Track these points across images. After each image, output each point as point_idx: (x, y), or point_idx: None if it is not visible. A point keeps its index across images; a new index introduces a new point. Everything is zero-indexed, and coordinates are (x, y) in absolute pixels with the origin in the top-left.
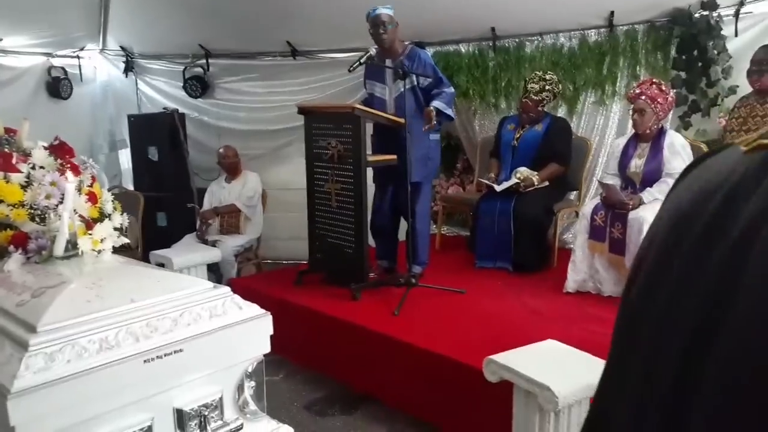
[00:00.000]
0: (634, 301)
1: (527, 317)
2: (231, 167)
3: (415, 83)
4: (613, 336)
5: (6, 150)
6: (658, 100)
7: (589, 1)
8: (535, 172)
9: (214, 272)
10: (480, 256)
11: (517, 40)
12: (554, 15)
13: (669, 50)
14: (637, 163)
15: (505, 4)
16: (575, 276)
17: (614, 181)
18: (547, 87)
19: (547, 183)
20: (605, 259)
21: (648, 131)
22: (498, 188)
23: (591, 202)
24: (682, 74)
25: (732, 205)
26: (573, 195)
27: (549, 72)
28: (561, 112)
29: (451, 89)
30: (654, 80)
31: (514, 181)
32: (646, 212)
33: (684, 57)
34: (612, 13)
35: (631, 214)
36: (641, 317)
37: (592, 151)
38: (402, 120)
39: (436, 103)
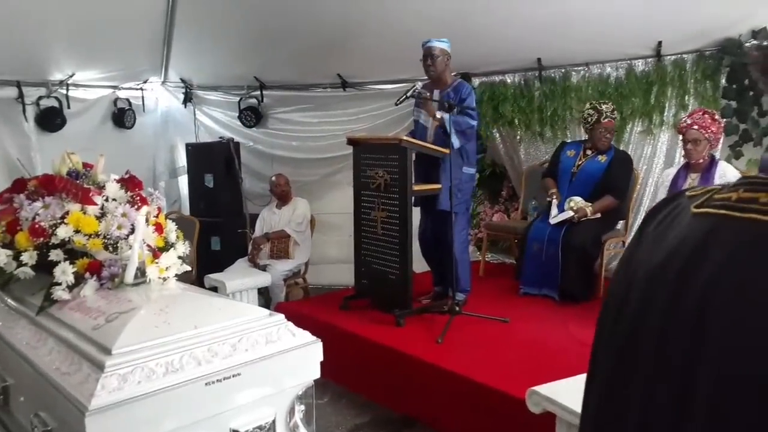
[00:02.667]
0: (623, 339)
1: (572, 347)
2: (282, 195)
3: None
4: (596, 364)
5: (84, 184)
6: (711, 129)
7: (636, 31)
8: (589, 204)
9: (264, 295)
10: (525, 282)
11: (563, 70)
12: (600, 45)
13: (718, 79)
14: None
15: (551, 36)
16: None
17: None
18: (613, 107)
19: (599, 215)
20: None
21: (701, 161)
22: (552, 220)
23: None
24: (733, 103)
25: (689, 270)
26: (620, 225)
27: (602, 101)
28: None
29: (472, 121)
30: (705, 110)
31: (569, 214)
32: None
33: (734, 86)
34: (660, 43)
35: None
36: (634, 349)
37: (640, 180)
38: (446, 150)
39: (446, 116)
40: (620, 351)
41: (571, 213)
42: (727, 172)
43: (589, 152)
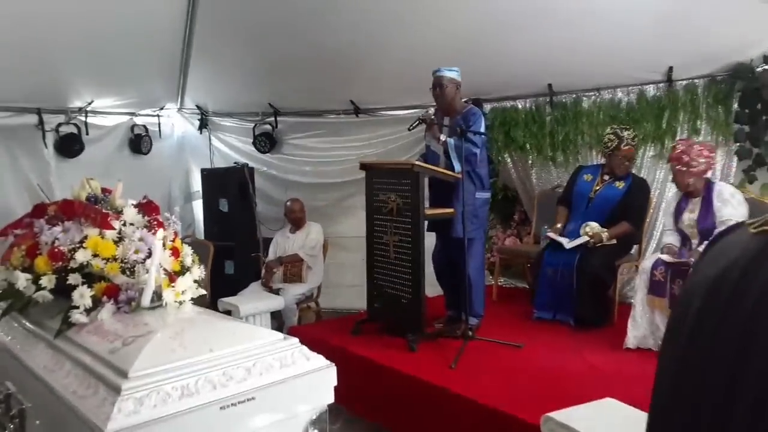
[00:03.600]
0: (682, 347)
1: (586, 373)
2: (296, 221)
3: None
4: (662, 376)
5: (102, 209)
6: (692, 164)
7: (647, 57)
8: (605, 230)
9: (277, 319)
10: (539, 307)
11: (574, 95)
12: (611, 71)
13: (731, 104)
14: (689, 217)
15: (562, 62)
16: (635, 332)
17: (674, 238)
18: (634, 134)
19: (614, 241)
20: (666, 315)
21: (692, 189)
22: (567, 245)
23: (651, 257)
24: (746, 128)
25: (747, 277)
26: (633, 249)
27: (623, 126)
28: None
29: (474, 148)
30: (689, 141)
31: (584, 239)
32: None
33: (747, 111)
34: (670, 68)
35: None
36: (688, 359)
37: (653, 205)
38: (459, 175)
39: (449, 139)
40: (680, 359)
41: (586, 238)
42: (723, 192)
43: (606, 177)
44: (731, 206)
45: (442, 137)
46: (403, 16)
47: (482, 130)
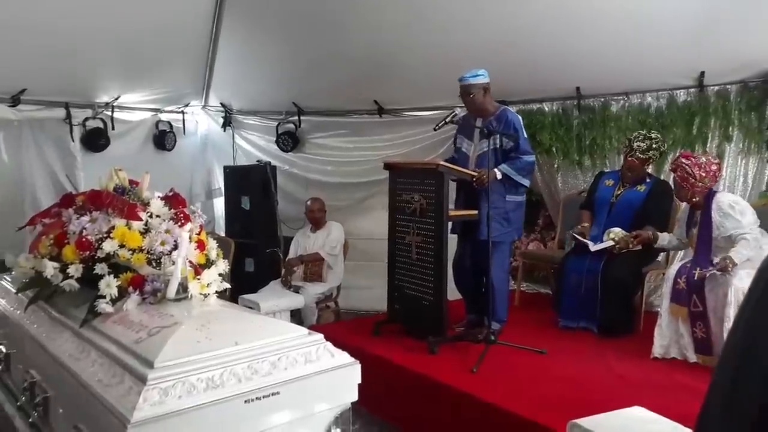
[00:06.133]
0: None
1: (612, 381)
2: (315, 221)
3: (498, 145)
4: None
5: (129, 200)
6: (690, 179)
7: (678, 62)
8: (632, 235)
9: (296, 318)
10: (564, 315)
11: (602, 99)
12: (641, 75)
13: (764, 111)
14: (693, 231)
15: (591, 65)
16: (662, 341)
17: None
18: (653, 145)
19: (640, 246)
20: (688, 324)
21: (694, 199)
22: (593, 248)
23: (676, 264)
24: None
25: None
26: (661, 256)
27: (653, 131)
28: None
29: (530, 158)
30: (690, 155)
31: (609, 243)
32: (734, 278)
33: None
34: (702, 73)
35: (720, 279)
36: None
37: (681, 209)
38: (478, 173)
39: (504, 167)
40: (742, 354)
41: (611, 242)
42: (722, 205)
43: (628, 183)
44: (732, 219)
45: (500, 166)
46: (430, 17)
47: (523, 132)
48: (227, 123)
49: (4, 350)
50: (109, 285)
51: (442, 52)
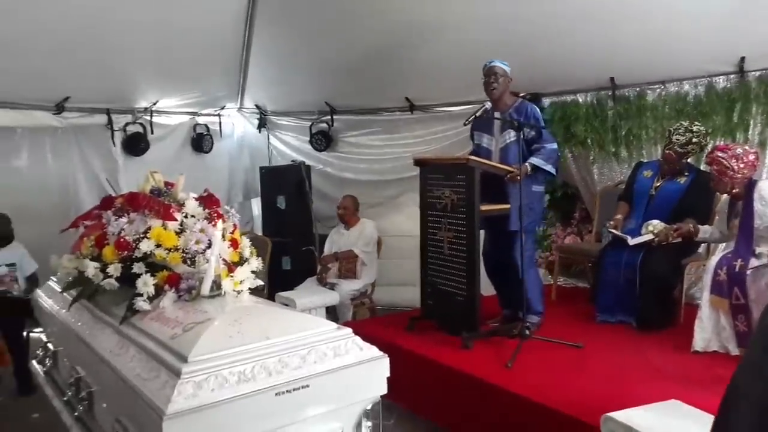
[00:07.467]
0: None
1: (649, 375)
2: (343, 218)
3: (521, 136)
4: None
5: (165, 201)
6: (728, 172)
7: (717, 47)
8: (671, 227)
9: (331, 314)
10: (601, 309)
11: (637, 89)
12: (678, 63)
13: None
14: (734, 222)
15: (625, 54)
16: (703, 334)
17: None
18: (694, 139)
19: (680, 239)
20: (729, 316)
21: (734, 190)
22: (631, 242)
23: (717, 255)
24: None
25: None
26: (701, 248)
27: (696, 123)
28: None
29: (553, 145)
30: (726, 147)
31: (649, 236)
32: None
33: None
34: (742, 58)
35: (762, 270)
36: None
37: (721, 201)
38: (513, 168)
39: (534, 159)
40: None
41: (650, 236)
42: (763, 192)
43: (667, 175)
44: None
45: (530, 159)
46: (460, 14)
47: (541, 122)
48: (262, 124)
49: (52, 347)
50: (146, 283)
51: (472, 47)
